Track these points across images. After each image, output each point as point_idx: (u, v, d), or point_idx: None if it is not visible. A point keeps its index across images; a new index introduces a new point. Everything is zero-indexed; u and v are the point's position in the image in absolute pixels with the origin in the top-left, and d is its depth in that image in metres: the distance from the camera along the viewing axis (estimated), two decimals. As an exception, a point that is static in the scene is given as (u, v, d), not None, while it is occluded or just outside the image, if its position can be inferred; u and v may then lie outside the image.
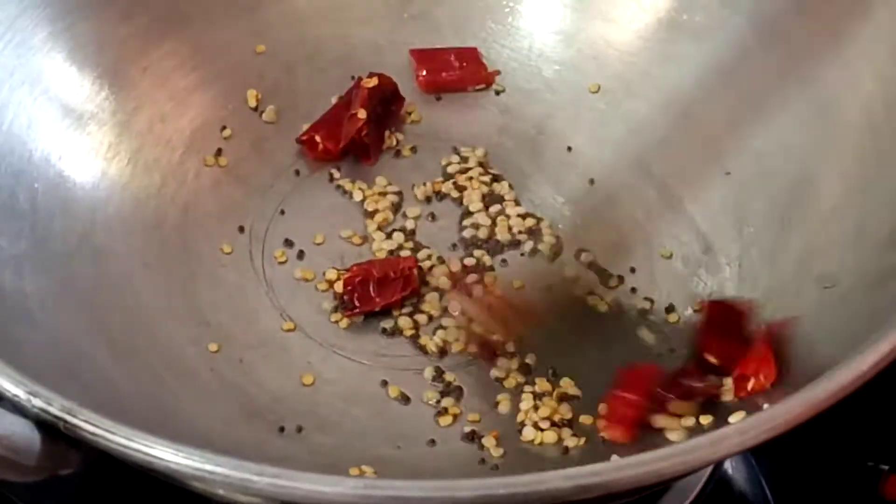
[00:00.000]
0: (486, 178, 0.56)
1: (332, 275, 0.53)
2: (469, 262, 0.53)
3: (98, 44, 0.54)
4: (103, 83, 0.54)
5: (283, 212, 0.55)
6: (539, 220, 0.55)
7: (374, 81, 0.57)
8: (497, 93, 0.59)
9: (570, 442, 0.47)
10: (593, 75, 0.58)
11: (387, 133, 0.58)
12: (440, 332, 0.51)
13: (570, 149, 0.57)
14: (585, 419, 0.48)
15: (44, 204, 0.50)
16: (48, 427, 0.36)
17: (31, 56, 0.52)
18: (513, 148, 0.58)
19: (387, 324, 0.51)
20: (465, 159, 0.57)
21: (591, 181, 0.56)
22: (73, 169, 0.52)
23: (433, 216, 0.55)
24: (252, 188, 0.56)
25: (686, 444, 0.35)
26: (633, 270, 0.53)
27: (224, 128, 0.57)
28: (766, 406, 0.37)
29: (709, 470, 0.52)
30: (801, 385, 0.37)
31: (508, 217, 0.55)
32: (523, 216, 0.55)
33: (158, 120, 0.55)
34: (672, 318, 0.51)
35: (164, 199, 0.54)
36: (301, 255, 0.54)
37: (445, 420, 0.48)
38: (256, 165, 0.56)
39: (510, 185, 0.56)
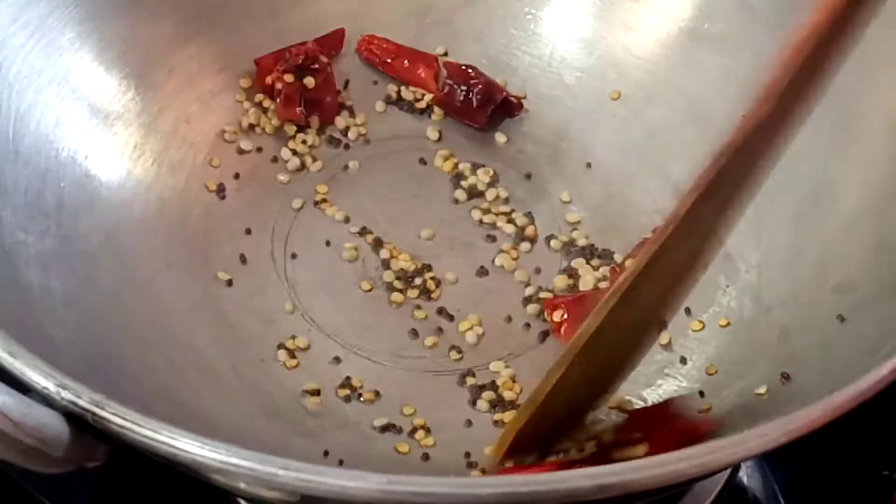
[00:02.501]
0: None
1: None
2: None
3: (125, 45, 0.55)
4: (130, 84, 0.55)
5: (306, 214, 0.56)
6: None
7: None
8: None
9: None
10: (614, 82, 0.59)
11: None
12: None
13: (589, 165, 0.57)
14: None
15: (70, 203, 0.51)
16: (76, 419, 0.36)
17: (58, 56, 0.53)
18: (533, 154, 0.58)
19: (407, 325, 0.52)
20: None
21: (611, 187, 0.56)
22: (98, 168, 0.53)
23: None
24: (275, 189, 0.56)
25: (706, 447, 0.35)
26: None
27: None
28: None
29: (724, 478, 0.52)
30: (820, 388, 0.37)
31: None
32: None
33: (183, 121, 0.56)
34: (694, 325, 0.51)
35: (187, 199, 0.55)
36: (323, 256, 0.54)
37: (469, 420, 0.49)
38: (279, 166, 0.57)
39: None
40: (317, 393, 0.49)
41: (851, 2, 0.36)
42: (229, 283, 0.53)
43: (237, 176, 0.56)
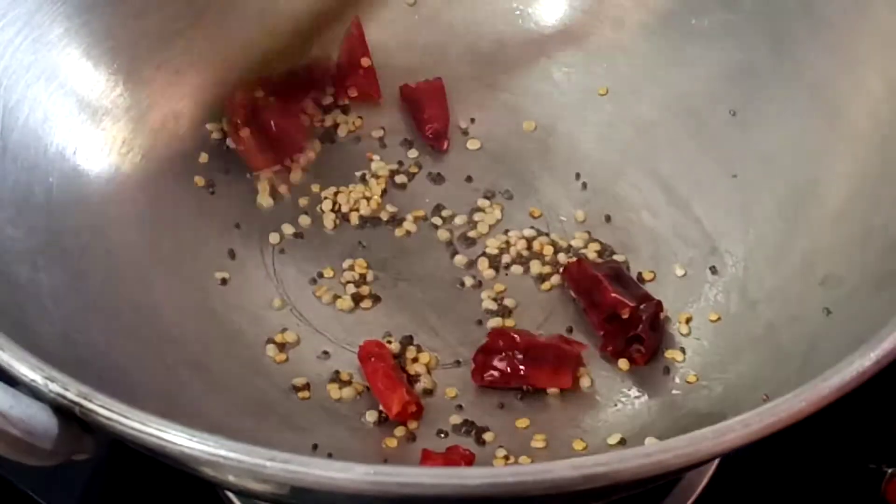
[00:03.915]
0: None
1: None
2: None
3: (113, 40, 0.55)
4: (118, 79, 0.55)
5: (293, 208, 0.56)
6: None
7: None
8: None
9: None
10: (602, 78, 0.59)
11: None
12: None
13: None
14: None
15: (58, 198, 0.51)
16: (64, 412, 0.36)
17: (47, 52, 0.53)
18: (521, 149, 0.58)
19: (396, 319, 0.52)
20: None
21: (599, 182, 0.57)
22: (87, 164, 0.53)
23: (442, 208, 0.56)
24: (263, 185, 0.56)
25: (691, 436, 0.35)
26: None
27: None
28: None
29: (711, 470, 0.52)
30: (806, 380, 0.37)
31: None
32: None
33: (172, 117, 0.56)
34: (681, 318, 0.51)
35: (176, 195, 0.55)
36: (312, 251, 0.54)
37: (455, 419, 0.49)
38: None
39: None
40: (306, 387, 0.49)
41: None
42: (218, 278, 0.53)
43: (226, 171, 0.56)
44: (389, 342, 0.51)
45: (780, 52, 0.55)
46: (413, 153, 0.58)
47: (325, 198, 0.56)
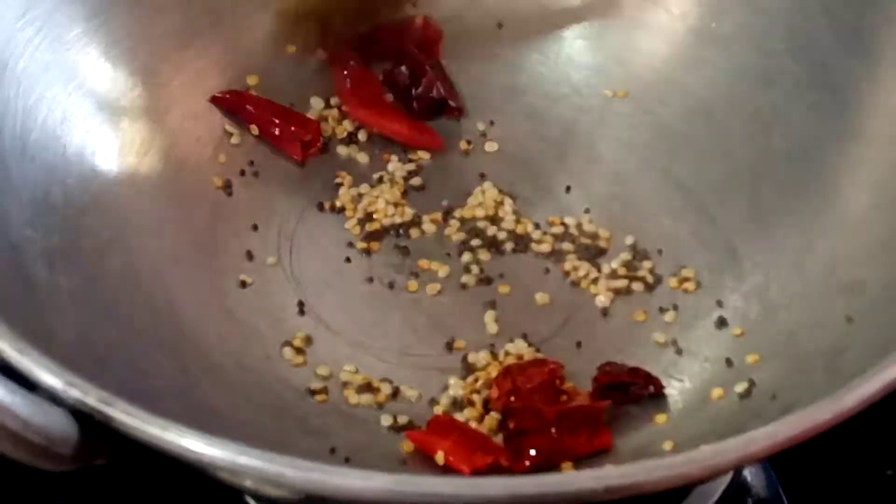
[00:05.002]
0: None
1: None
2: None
3: (132, 40, 0.55)
4: (137, 80, 0.55)
5: (312, 210, 0.56)
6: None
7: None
8: None
9: None
10: (621, 81, 0.59)
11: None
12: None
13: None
14: None
15: (76, 199, 0.51)
16: (84, 417, 0.36)
17: (65, 51, 0.53)
18: (539, 152, 0.58)
19: (413, 322, 0.52)
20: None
21: (617, 186, 0.56)
22: (105, 164, 0.53)
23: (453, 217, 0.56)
24: (282, 186, 0.56)
25: (714, 448, 0.35)
26: (658, 276, 0.53)
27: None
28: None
29: (727, 479, 0.52)
30: (831, 391, 0.37)
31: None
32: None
33: (191, 117, 0.56)
34: (699, 325, 0.51)
35: (194, 195, 0.55)
36: (329, 253, 0.54)
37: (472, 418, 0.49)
38: (286, 164, 0.57)
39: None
40: (323, 391, 0.49)
41: None
42: (235, 279, 0.53)
43: (243, 172, 0.56)
44: None
45: (800, 56, 0.55)
46: (430, 155, 0.58)
47: (344, 200, 0.56)
